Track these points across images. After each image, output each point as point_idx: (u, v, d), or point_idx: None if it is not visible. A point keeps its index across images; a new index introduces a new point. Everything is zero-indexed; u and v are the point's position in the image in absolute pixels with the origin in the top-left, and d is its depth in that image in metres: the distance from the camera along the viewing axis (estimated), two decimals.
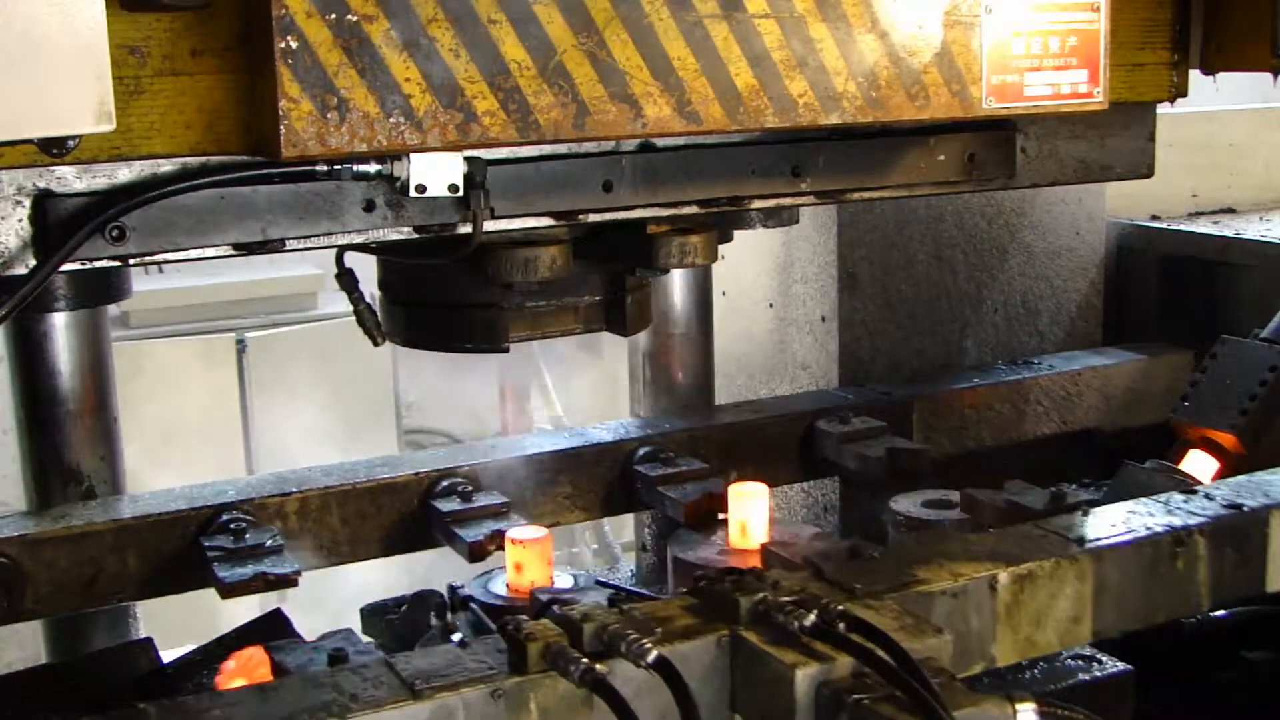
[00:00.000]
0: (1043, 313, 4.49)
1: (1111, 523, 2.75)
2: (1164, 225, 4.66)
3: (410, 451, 7.27)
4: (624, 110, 2.42)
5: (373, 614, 3.39)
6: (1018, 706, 2.11)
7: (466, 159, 2.51)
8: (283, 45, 2.16)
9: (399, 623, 3.28)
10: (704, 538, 3.25)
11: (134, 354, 7.16)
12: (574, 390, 9.39)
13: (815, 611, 2.18)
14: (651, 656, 2.10)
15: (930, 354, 4.33)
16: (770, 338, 4.48)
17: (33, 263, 2.34)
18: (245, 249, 2.49)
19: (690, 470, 3.46)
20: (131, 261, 2.42)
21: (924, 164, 3.04)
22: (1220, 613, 2.89)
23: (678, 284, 3.75)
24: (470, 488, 3.26)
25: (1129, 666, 2.89)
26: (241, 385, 7.82)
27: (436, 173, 2.48)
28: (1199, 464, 3.47)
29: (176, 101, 2.27)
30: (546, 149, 2.66)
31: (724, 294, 4.44)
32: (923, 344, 4.32)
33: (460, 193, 2.51)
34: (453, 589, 3.27)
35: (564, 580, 3.21)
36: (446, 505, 3.21)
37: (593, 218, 2.77)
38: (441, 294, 2.96)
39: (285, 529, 3.14)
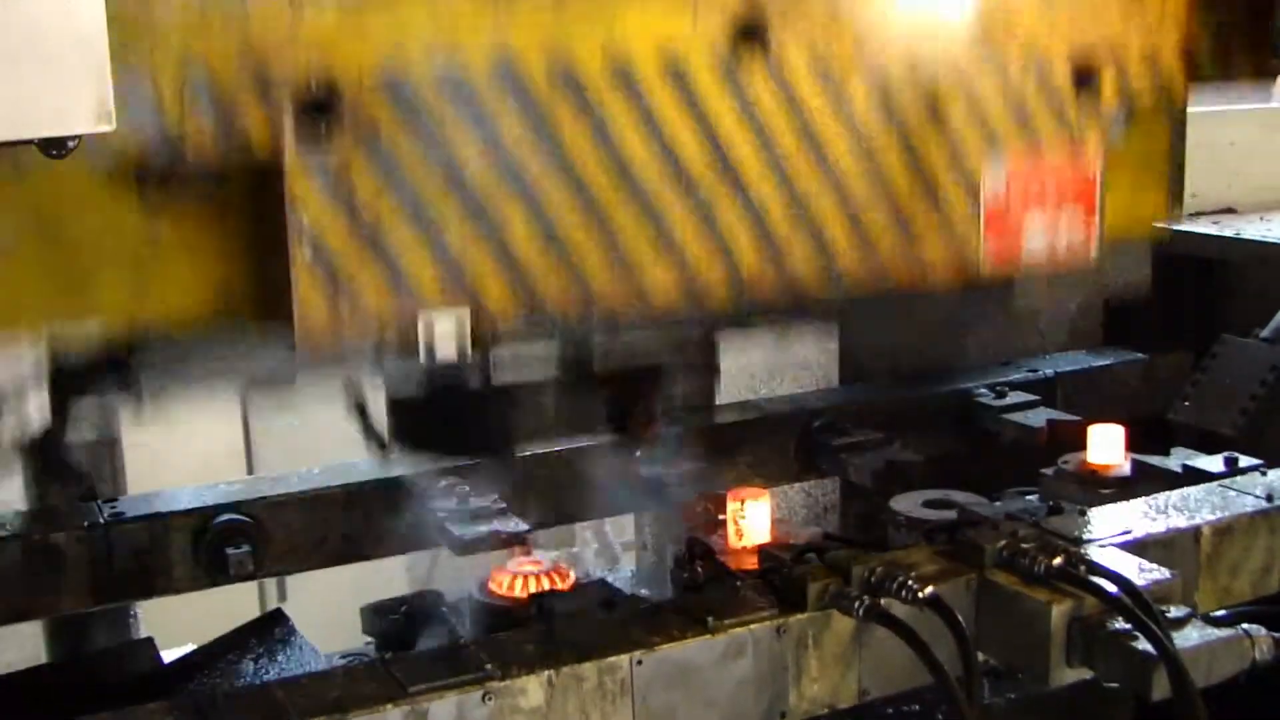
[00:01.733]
0: (1043, 312, 4.48)
1: None
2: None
3: None
4: (630, 289, 2.43)
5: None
6: (1255, 639, 2.30)
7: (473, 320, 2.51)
8: (295, 230, 2.18)
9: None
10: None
11: None
12: None
13: (1061, 555, 2.36)
14: (927, 593, 2.30)
15: (930, 354, 4.32)
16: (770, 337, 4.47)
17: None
18: (253, 386, 2.53)
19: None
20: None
21: None
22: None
23: None
24: None
25: None
26: None
27: (445, 333, 2.49)
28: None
29: (193, 268, 2.29)
30: None
31: None
32: (923, 344, 4.31)
33: (469, 357, 2.52)
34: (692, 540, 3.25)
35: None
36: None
37: (598, 358, 2.77)
38: (449, 412, 2.94)
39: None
